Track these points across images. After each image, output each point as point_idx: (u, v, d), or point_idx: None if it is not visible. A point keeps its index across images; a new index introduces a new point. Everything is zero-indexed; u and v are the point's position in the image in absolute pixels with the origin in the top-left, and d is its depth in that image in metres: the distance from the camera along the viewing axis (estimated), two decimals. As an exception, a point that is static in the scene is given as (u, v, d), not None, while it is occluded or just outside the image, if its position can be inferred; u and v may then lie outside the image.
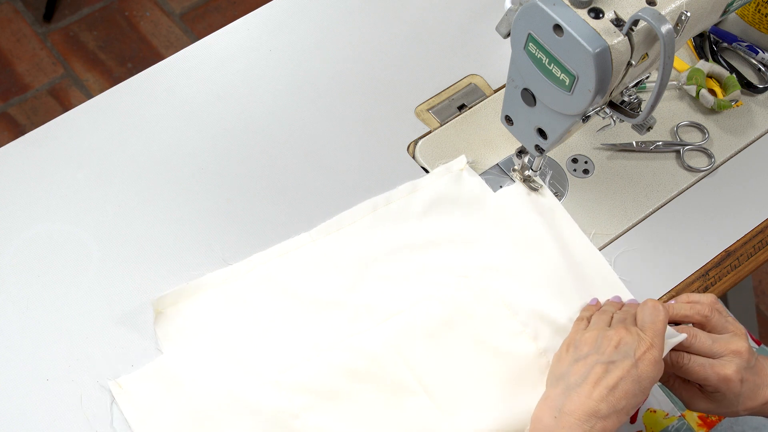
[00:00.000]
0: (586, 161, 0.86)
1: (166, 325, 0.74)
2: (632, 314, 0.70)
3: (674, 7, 0.63)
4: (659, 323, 0.67)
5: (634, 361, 0.64)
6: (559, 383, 0.66)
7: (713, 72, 0.91)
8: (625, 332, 0.66)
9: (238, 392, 0.71)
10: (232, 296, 0.76)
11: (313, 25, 0.94)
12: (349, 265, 0.77)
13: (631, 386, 0.63)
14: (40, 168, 0.84)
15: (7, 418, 0.71)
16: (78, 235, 0.80)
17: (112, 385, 0.71)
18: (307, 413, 0.70)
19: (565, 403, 0.63)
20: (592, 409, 0.62)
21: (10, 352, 0.74)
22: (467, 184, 0.82)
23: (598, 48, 0.60)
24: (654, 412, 0.88)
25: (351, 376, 0.72)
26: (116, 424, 0.70)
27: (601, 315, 0.72)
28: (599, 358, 0.64)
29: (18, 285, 0.77)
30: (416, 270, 0.78)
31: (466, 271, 0.78)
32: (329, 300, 0.76)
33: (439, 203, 0.81)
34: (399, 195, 0.82)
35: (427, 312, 0.75)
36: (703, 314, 0.71)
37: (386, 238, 0.79)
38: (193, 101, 0.89)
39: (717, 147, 0.87)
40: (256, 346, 0.73)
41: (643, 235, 0.82)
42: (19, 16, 1.94)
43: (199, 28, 1.94)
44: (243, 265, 0.77)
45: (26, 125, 1.78)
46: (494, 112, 0.88)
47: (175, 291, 0.75)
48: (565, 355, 0.68)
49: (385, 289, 0.76)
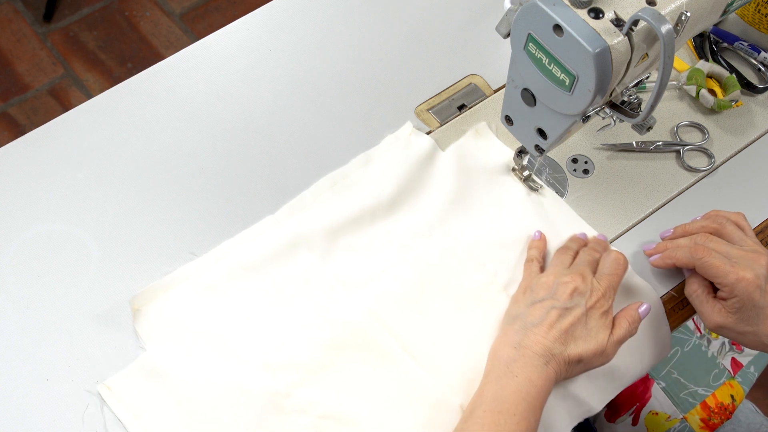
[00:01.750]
0: (586, 161, 0.86)
1: (144, 322, 0.75)
2: (596, 259, 0.74)
3: (674, 7, 0.63)
4: (616, 277, 0.72)
5: (585, 310, 0.69)
6: (515, 322, 0.70)
7: (713, 72, 0.91)
8: (580, 281, 0.70)
9: (227, 378, 0.72)
10: (207, 286, 0.77)
11: (313, 25, 0.94)
12: (317, 240, 0.79)
13: (582, 332, 0.69)
14: (40, 168, 0.84)
15: (7, 418, 0.71)
16: (78, 235, 0.80)
17: (101, 387, 0.72)
18: (297, 390, 0.71)
19: (522, 338, 0.69)
20: (548, 347, 0.67)
21: (10, 352, 0.74)
22: (417, 147, 0.85)
23: (598, 48, 0.60)
24: (656, 415, 0.88)
25: (335, 348, 0.73)
26: (109, 425, 0.70)
27: (563, 255, 0.76)
28: (555, 303, 0.69)
29: (18, 285, 0.77)
30: (382, 236, 0.80)
31: (430, 231, 0.80)
32: (302, 277, 0.77)
33: (395, 169, 0.83)
34: (355, 168, 0.84)
35: (399, 276, 0.77)
36: (718, 222, 0.75)
37: (349, 210, 0.80)
38: (193, 101, 0.89)
39: (717, 147, 0.87)
40: (238, 331, 0.74)
41: (643, 235, 0.82)
42: (19, 16, 1.94)
43: (199, 28, 1.94)
44: (213, 254, 0.78)
45: (26, 125, 1.78)
46: (494, 112, 0.88)
47: (150, 288, 0.76)
48: (522, 297, 0.73)
49: (355, 259, 0.78)
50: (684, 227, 0.78)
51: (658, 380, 0.99)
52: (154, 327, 0.74)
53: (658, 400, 0.91)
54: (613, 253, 0.74)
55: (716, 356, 1.04)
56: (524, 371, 0.67)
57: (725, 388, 1.01)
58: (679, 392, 0.98)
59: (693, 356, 1.03)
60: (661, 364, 1.00)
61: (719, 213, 0.77)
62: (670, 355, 1.02)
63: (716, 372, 1.02)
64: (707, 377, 1.01)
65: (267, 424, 0.70)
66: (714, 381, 1.01)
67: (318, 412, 0.71)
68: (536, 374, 0.66)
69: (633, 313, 0.72)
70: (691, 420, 0.89)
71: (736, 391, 1.02)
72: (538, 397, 0.66)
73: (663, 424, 0.95)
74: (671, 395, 0.97)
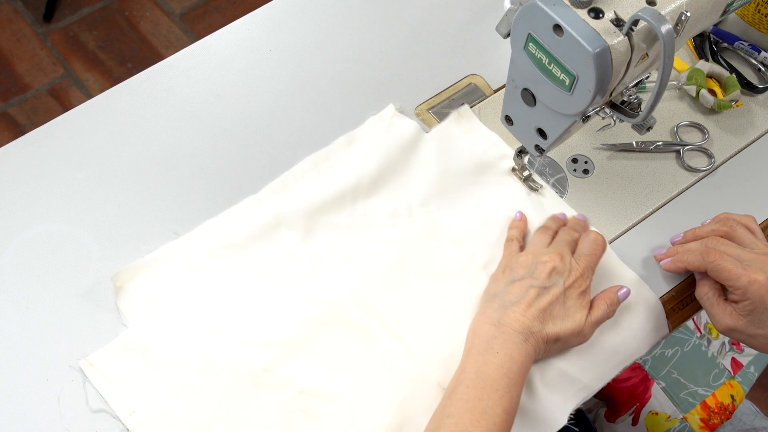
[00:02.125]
0: (586, 161, 0.86)
1: (127, 299, 0.75)
2: (575, 239, 0.75)
3: (674, 7, 0.63)
4: (594, 257, 0.73)
5: (562, 290, 0.70)
6: (495, 300, 0.72)
7: (713, 72, 0.91)
8: (559, 260, 0.71)
9: (207, 355, 0.73)
10: (189, 264, 0.77)
11: (313, 25, 0.94)
12: (298, 220, 0.80)
13: (559, 311, 0.70)
14: (40, 168, 0.84)
15: (7, 418, 0.71)
16: (78, 235, 0.80)
17: (83, 363, 0.72)
18: (277, 366, 0.72)
19: (501, 316, 0.70)
20: (527, 325, 0.69)
21: (10, 352, 0.74)
22: (400, 128, 0.85)
23: (598, 48, 0.60)
24: (656, 415, 0.88)
25: (315, 326, 0.74)
26: (91, 401, 0.71)
27: (542, 234, 0.76)
28: (533, 282, 0.70)
29: (18, 285, 0.77)
30: (363, 216, 0.80)
31: (411, 211, 0.81)
32: (283, 255, 0.78)
33: (377, 150, 0.84)
34: (337, 149, 0.84)
35: (379, 254, 0.78)
36: (728, 225, 0.75)
37: (330, 190, 0.81)
38: (193, 101, 0.89)
39: (717, 147, 0.87)
40: (219, 308, 0.75)
41: (643, 235, 0.82)
42: (19, 16, 1.94)
43: (199, 28, 1.94)
44: (196, 233, 0.79)
45: (26, 125, 1.78)
46: (494, 112, 0.88)
47: (132, 266, 0.77)
48: (501, 276, 0.74)
49: (336, 238, 0.79)
50: (694, 231, 0.78)
51: (658, 380, 0.99)
52: (136, 304, 0.75)
53: (658, 400, 0.91)
54: (592, 234, 0.75)
55: (716, 356, 1.04)
56: (504, 348, 0.68)
57: (725, 388, 1.01)
58: (679, 392, 0.98)
59: (693, 356, 1.03)
60: (661, 364, 1.00)
61: (729, 216, 0.77)
62: (670, 355, 1.02)
63: (716, 372, 1.02)
64: (707, 377, 1.01)
65: (247, 400, 0.71)
66: (714, 381, 1.01)
67: (297, 388, 0.72)
68: (516, 351, 0.68)
69: (612, 296, 0.73)
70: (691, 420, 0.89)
71: (736, 391, 1.02)
72: (519, 373, 0.67)
73: (663, 424, 0.95)
74: (671, 395, 0.97)
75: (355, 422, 0.71)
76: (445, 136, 0.85)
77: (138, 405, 0.70)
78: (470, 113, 0.87)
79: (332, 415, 0.71)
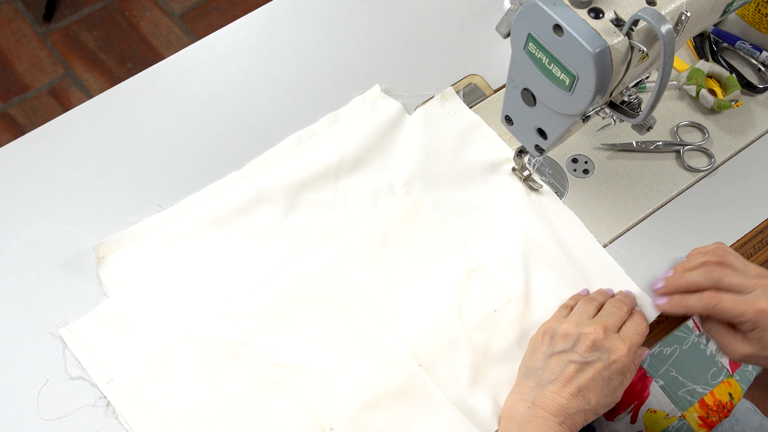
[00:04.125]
0: (586, 161, 0.86)
1: (108, 269, 0.76)
2: (622, 313, 0.72)
3: (674, 7, 0.63)
4: (638, 336, 0.70)
5: (606, 364, 0.68)
6: (531, 376, 0.69)
7: (713, 72, 0.91)
8: (602, 335, 0.69)
9: (186, 326, 0.74)
10: (171, 237, 0.78)
11: (313, 25, 0.95)
12: (280, 195, 0.80)
13: (601, 387, 0.67)
14: (40, 168, 0.84)
15: (7, 419, 0.71)
16: (78, 235, 0.80)
17: (63, 332, 0.73)
18: (255, 338, 0.74)
19: (537, 396, 0.67)
20: (563, 406, 0.66)
21: (10, 352, 0.74)
22: (384, 109, 0.86)
23: (598, 48, 0.60)
24: (654, 413, 0.88)
25: (293, 300, 0.76)
26: (70, 368, 0.72)
27: (587, 304, 0.74)
28: (573, 357, 0.68)
29: (18, 285, 0.77)
30: (345, 193, 0.81)
31: (393, 189, 0.82)
32: (264, 230, 0.79)
33: (361, 129, 0.85)
34: (321, 127, 0.85)
35: (359, 232, 0.79)
36: (717, 255, 0.73)
37: (313, 167, 0.82)
38: (193, 101, 0.89)
39: (717, 147, 0.87)
40: (199, 281, 0.76)
41: (643, 235, 0.82)
42: (19, 16, 1.94)
43: (199, 28, 1.94)
44: (179, 206, 0.80)
45: (26, 125, 1.78)
46: (494, 112, 0.88)
47: (114, 237, 0.78)
48: (540, 344, 0.71)
49: (317, 215, 0.80)
50: (684, 265, 0.75)
51: (656, 378, 0.99)
52: (117, 274, 0.76)
53: (656, 398, 0.91)
54: (637, 317, 0.72)
55: (715, 354, 1.04)
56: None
57: (723, 387, 1.01)
58: (677, 390, 0.99)
59: (691, 354, 1.03)
60: (659, 362, 1.00)
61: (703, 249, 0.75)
62: (668, 353, 1.02)
63: (714, 370, 1.02)
64: (705, 375, 1.01)
65: (223, 371, 0.72)
66: (712, 379, 1.02)
67: (273, 360, 0.73)
68: None
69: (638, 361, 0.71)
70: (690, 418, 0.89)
71: (735, 390, 1.02)
72: None
73: (661, 422, 0.95)
74: (669, 393, 0.98)
75: (330, 395, 0.72)
76: (429, 117, 0.86)
77: (116, 373, 0.72)
78: (454, 95, 0.88)
79: (307, 387, 0.72)
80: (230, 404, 0.71)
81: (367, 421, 0.71)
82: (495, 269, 0.78)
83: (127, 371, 0.72)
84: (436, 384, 0.73)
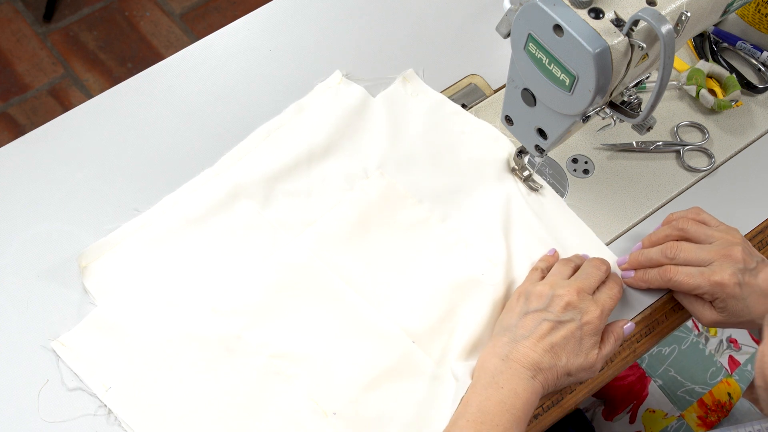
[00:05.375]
0: (586, 161, 0.86)
1: (93, 278, 0.76)
2: (598, 278, 0.73)
3: (674, 7, 0.63)
4: (611, 301, 0.73)
5: (579, 325, 0.69)
6: (505, 333, 0.71)
7: (713, 72, 0.91)
8: (576, 297, 0.70)
9: (178, 327, 0.74)
10: (152, 240, 0.78)
11: (313, 25, 0.95)
12: (255, 188, 0.81)
13: (573, 347, 0.69)
14: (40, 168, 0.84)
15: (7, 419, 0.71)
16: (78, 235, 0.80)
17: (55, 344, 0.73)
18: (247, 332, 0.74)
19: (510, 351, 0.69)
20: (536, 360, 0.68)
21: (10, 352, 0.74)
22: (348, 94, 0.87)
23: (598, 48, 0.60)
24: (653, 412, 0.88)
25: (282, 290, 0.76)
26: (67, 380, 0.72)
27: (563, 266, 0.76)
28: (547, 316, 0.70)
29: (18, 285, 0.77)
30: (319, 181, 0.82)
31: (366, 173, 0.83)
32: (244, 224, 0.79)
33: (328, 116, 0.85)
34: (288, 117, 0.86)
35: (339, 217, 0.80)
36: (679, 227, 0.76)
37: (285, 158, 0.83)
38: (193, 101, 0.89)
39: (717, 147, 0.87)
40: (185, 281, 0.76)
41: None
42: (19, 16, 1.94)
43: (199, 28, 1.94)
44: (156, 209, 0.80)
45: (26, 125, 1.78)
46: (494, 112, 0.88)
47: (96, 245, 0.77)
48: (515, 305, 0.73)
49: (295, 204, 0.81)
50: (650, 238, 0.78)
51: (655, 378, 0.99)
52: (103, 282, 0.76)
53: (655, 397, 0.91)
54: (611, 283, 0.74)
55: (713, 354, 1.04)
56: (510, 383, 0.67)
57: (722, 386, 1.01)
58: (676, 390, 0.99)
59: (690, 354, 1.03)
60: (658, 362, 1.00)
61: (676, 216, 0.78)
62: (667, 353, 1.02)
63: (713, 370, 1.02)
64: (704, 375, 1.01)
65: (220, 367, 0.73)
66: (711, 379, 1.02)
67: (269, 352, 0.73)
68: (522, 387, 0.67)
69: (619, 331, 0.73)
70: (688, 417, 0.89)
71: (733, 389, 1.02)
72: (523, 410, 0.66)
73: (660, 421, 0.95)
74: (668, 393, 0.98)
75: (329, 380, 0.72)
76: (392, 100, 0.87)
77: (113, 381, 0.72)
78: (415, 76, 0.89)
79: (305, 375, 0.73)
80: (232, 399, 0.71)
81: (369, 402, 0.72)
82: (476, 240, 0.80)
83: (124, 377, 0.72)
84: (432, 358, 0.74)
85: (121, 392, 0.71)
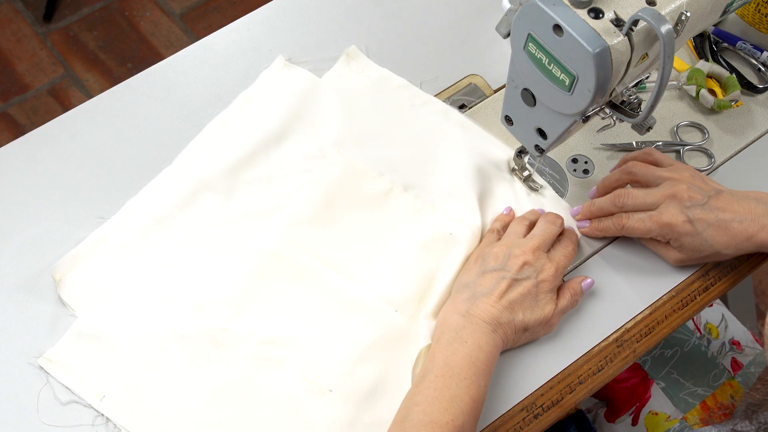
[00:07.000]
0: (586, 161, 0.86)
1: (69, 290, 0.76)
2: (552, 234, 0.76)
3: (674, 7, 0.63)
4: (565, 259, 0.75)
5: (535, 283, 0.72)
6: (465, 290, 0.73)
7: (713, 72, 0.91)
8: (532, 256, 0.73)
9: (161, 327, 0.74)
10: (122, 244, 0.78)
11: (313, 25, 0.94)
12: (217, 181, 0.81)
13: (530, 303, 0.72)
14: (40, 168, 0.84)
15: (7, 419, 0.71)
16: (78, 235, 0.80)
17: (42, 361, 0.73)
18: (232, 323, 0.75)
19: (470, 307, 0.71)
20: (495, 316, 0.70)
21: (10, 352, 0.74)
22: (294, 78, 0.88)
23: (598, 48, 0.60)
24: (656, 415, 0.88)
25: (259, 277, 0.77)
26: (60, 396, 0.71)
27: (518, 225, 0.78)
28: (505, 274, 0.72)
29: (18, 285, 0.77)
30: (279, 166, 0.83)
31: (323, 152, 0.84)
32: (211, 217, 0.80)
33: (278, 102, 0.86)
34: (238, 107, 0.87)
35: (304, 199, 0.81)
36: (628, 171, 0.78)
37: (242, 148, 0.83)
38: (193, 101, 0.89)
39: (717, 147, 0.87)
40: (162, 281, 0.77)
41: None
42: (19, 16, 1.94)
43: (199, 28, 1.94)
44: (121, 214, 0.80)
45: (26, 125, 1.78)
46: (494, 112, 0.88)
47: (67, 256, 0.77)
48: (473, 265, 0.75)
49: (258, 192, 0.81)
50: (603, 183, 0.80)
51: (657, 380, 0.99)
52: (79, 293, 0.76)
53: (657, 400, 0.91)
54: (566, 240, 0.77)
55: (716, 356, 1.04)
56: (473, 337, 0.69)
57: (725, 388, 1.01)
58: (678, 392, 0.98)
59: (693, 356, 1.03)
60: (660, 364, 1.00)
61: (627, 158, 0.80)
62: (669, 355, 1.02)
63: (716, 372, 1.02)
64: (707, 377, 1.01)
65: (211, 361, 0.73)
66: (714, 381, 1.01)
67: (256, 340, 0.74)
68: (484, 340, 0.69)
69: (576, 287, 0.75)
70: (691, 420, 0.89)
71: (736, 391, 1.02)
72: (486, 362, 0.69)
73: (663, 424, 0.95)
74: (671, 395, 0.98)
75: (320, 359, 0.73)
76: (339, 79, 0.88)
77: (106, 389, 0.72)
78: (358, 53, 0.90)
79: (296, 357, 0.73)
80: (227, 391, 0.72)
81: (362, 375, 0.73)
82: (441, 202, 0.81)
83: (117, 385, 0.72)
84: (416, 324, 0.75)
85: (116, 400, 0.71)
